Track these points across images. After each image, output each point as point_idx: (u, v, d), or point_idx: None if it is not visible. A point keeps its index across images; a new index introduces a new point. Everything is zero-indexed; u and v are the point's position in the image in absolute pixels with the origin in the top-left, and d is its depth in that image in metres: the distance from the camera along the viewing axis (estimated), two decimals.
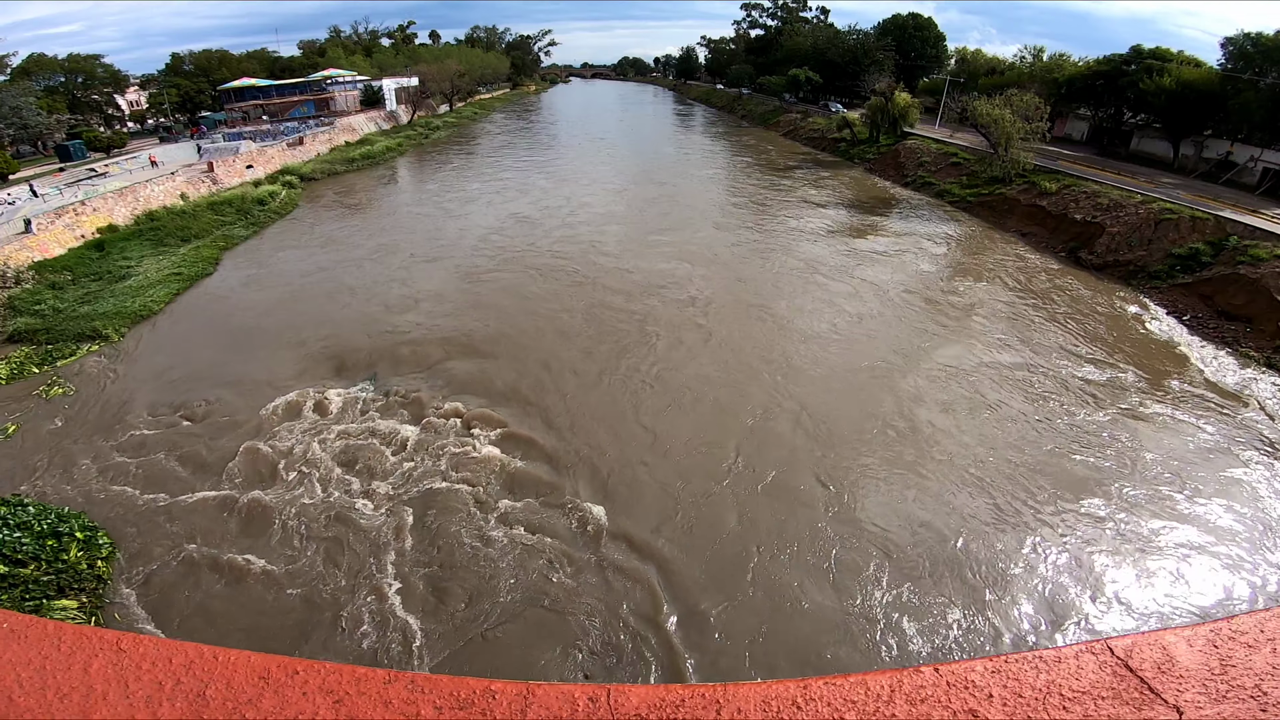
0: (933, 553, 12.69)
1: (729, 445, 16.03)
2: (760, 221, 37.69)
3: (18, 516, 12.60)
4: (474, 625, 11.22)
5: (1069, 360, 20.87)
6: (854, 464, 15.42)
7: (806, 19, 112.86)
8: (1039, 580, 12.16)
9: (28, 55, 67.87)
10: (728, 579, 12.11)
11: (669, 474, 15.00)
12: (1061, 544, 13.00)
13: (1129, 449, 16.21)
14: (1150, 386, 19.52)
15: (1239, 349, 22.22)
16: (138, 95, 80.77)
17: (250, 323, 23.60)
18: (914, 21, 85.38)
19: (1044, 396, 18.66)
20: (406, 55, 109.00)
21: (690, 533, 13.28)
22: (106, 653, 1.46)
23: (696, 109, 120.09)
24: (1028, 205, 37.17)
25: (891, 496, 14.35)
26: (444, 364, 20.03)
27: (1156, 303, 26.31)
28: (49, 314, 23.65)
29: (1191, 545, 13.03)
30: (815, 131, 70.82)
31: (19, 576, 11.36)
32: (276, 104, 75.45)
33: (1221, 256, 26.91)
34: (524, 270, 28.59)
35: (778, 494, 14.37)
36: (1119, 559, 12.69)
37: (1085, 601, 11.74)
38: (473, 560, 12.59)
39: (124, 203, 34.48)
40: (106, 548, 12.73)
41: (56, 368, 20.42)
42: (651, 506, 13.99)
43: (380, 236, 34.27)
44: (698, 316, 23.87)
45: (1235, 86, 40.90)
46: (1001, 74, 63.54)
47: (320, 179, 50.24)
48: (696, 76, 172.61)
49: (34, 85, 61.08)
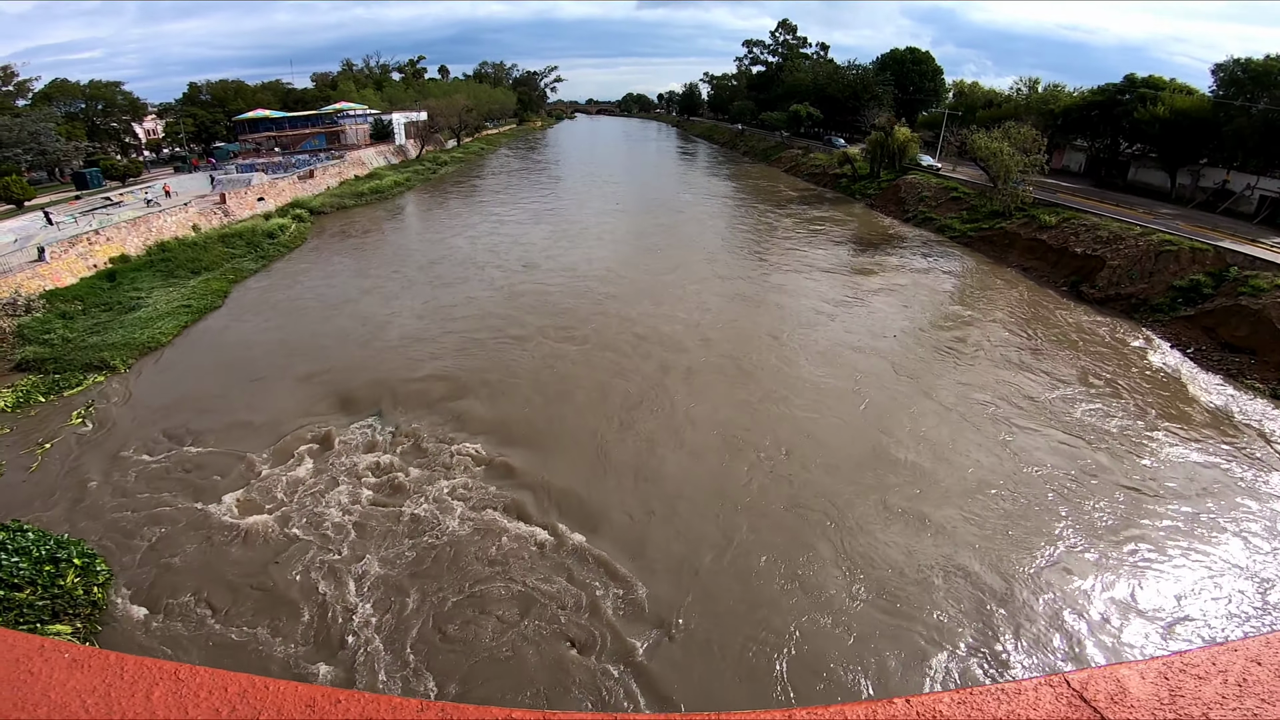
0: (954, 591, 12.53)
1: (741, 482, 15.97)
2: (763, 263, 37.37)
3: (16, 542, 12.71)
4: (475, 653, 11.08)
5: (1074, 396, 20.80)
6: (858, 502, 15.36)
7: (807, 55, 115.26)
8: (1053, 614, 11.99)
9: (50, 80, 68.73)
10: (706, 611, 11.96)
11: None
12: (1078, 580, 12.84)
13: (1136, 483, 16.08)
14: (1155, 421, 19.42)
15: (1244, 381, 22.15)
16: (154, 124, 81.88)
17: (256, 356, 23.71)
18: (912, 56, 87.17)
19: (1050, 434, 18.58)
20: (416, 90, 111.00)
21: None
22: (166, 682, 1.53)
23: (699, 145, 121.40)
24: (1028, 239, 37.31)
25: (899, 534, 14.24)
26: (447, 401, 19.89)
27: (1160, 336, 26.26)
28: (58, 343, 23.86)
29: (1203, 579, 12.84)
30: (817, 167, 71.52)
31: (14, 600, 11.51)
32: (289, 136, 76.88)
33: (1223, 288, 26.95)
34: (527, 314, 27.88)
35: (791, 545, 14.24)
36: (1123, 591, 12.51)
37: (1082, 632, 11.55)
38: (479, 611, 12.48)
39: (137, 233, 35.00)
40: (104, 574, 12.80)
41: (63, 397, 20.58)
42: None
43: (386, 273, 34.47)
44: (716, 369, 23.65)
45: (1228, 113, 41.04)
46: (999, 106, 64.10)
47: (330, 213, 50.82)
48: (699, 112, 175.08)
49: (55, 111, 61.70)
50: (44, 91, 66.60)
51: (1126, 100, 47.26)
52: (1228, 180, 41.62)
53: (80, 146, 59.58)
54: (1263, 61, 41.37)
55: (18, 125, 52.79)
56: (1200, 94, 45.62)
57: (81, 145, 60.24)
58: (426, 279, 33.02)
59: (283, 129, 77.70)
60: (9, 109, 58.52)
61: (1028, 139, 41.22)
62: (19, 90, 64.16)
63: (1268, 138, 38.46)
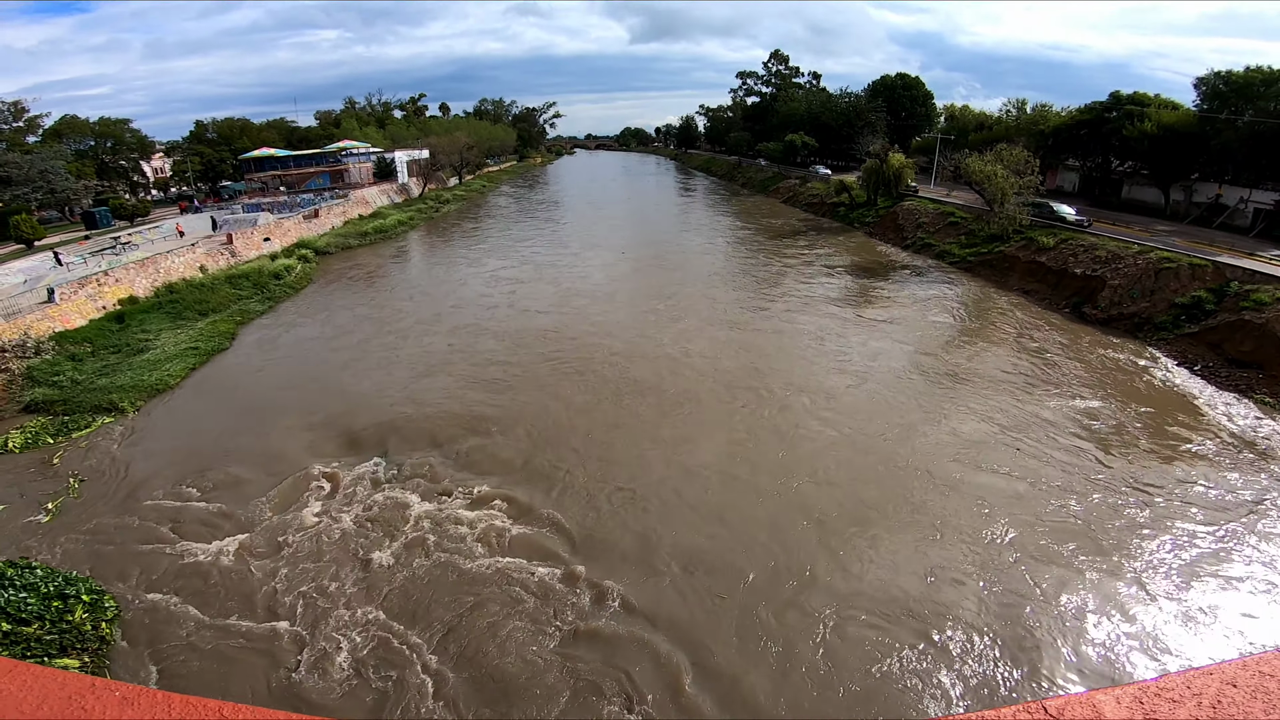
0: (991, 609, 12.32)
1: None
2: (769, 305, 35.13)
3: (25, 578, 12.89)
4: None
5: (1082, 417, 20.71)
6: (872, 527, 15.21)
7: (800, 84, 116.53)
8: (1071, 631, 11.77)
9: (60, 117, 68.45)
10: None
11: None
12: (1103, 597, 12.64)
13: (1151, 502, 15.93)
14: (1166, 438, 19.32)
15: (1253, 395, 22.06)
16: (162, 162, 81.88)
17: (263, 398, 23.74)
18: (902, 81, 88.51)
19: (1060, 456, 18.48)
20: (418, 127, 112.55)
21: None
22: (211, 719, 1.57)
23: (698, 178, 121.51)
24: (1027, 262, 37.40)
25: (910, 554, 14.07)
26: (453, 442, 19.73)
27: (1165, 354, 26.16)
28: (67, 385, 23.98)
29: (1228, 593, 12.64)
30: (814, 196, 71.53)
31: (21, 634, 11.66)
32: (294, 175, 77.55)
33: (1225, 303, 27.00)
34: (533, 358, 26.91)
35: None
36: (1141, 614, 12.30)
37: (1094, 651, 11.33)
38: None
39: (145, 274, 35.36)
40: (112, 610, 12.89)
41: (72, 439, 20.60)
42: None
43: (389, 314, 34.34)
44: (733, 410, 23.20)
45: (1214, 127, 40.96)
46: (990, 129, 64.39)
47: (334, 253, 51.12)
48: (697, 145, 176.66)
49: (65, 148, 61.52)
50: (54, 128, 66.36)
51: (1114, 118, 47.20)
52: (1220, 194, 41.58)
53: (90, 185, 59.19)
54: (1243, 74, 41.48)
55: (28, 163, 52.55)
56: (1185, 108, 45.68)
57: (91, 184, 59.88)
58: (428, 326, 31.79)
59: (288, 168, 78.38)
60: (19, 145, 58.24)
61: (1020, 161, 41.13)
62: (29, 126, 63.89)
63: (1255, 150, 38.34)
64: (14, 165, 51.76)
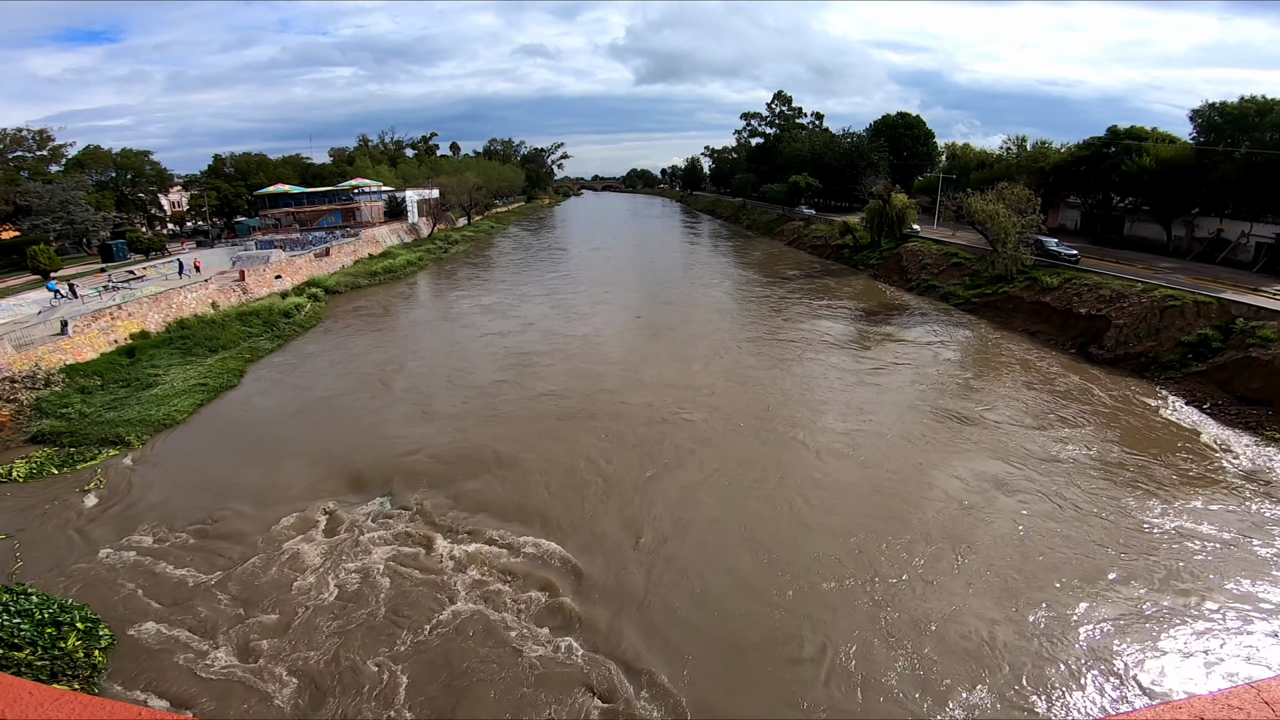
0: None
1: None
2: (772, 343, 35.05)
3: (19, 604, 12.92)
4: None
5: (1093, 460, 20.47)
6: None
7: (803, 125, 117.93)
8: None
9: (84, 147, 68.45)
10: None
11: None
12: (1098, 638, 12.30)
13: (1163, 542, 15.64)
14: (1177, 478, 19.06)
15: (1264, 433, 21.83)
16: (179, 195, 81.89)
17: (269, 436, 23.72)
18: (903, 120, 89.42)
19: (1072, 497, 18.28)
20: (429, 166, 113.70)
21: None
22: None
23: (703, 221, 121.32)
24: (1032, 302, 37.21)
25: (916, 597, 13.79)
26: (456, 482, 19.61)
27: (1174, 393, 25.90)
28: (75, 418, 24.09)
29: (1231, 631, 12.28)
30: (819, 239, 71.70)
31: (12, 659, 11.69)
32: (307, 212, 77.82)
33: (1231, 340, 26.90)
34: (536, 405, 26.15)
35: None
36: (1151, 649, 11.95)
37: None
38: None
39: (158, 309, 35.70)
40: (107, 639, 12.86)
41: (76, 470, 20.63)
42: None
43: (396, 354, 34.33)
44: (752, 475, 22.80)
45: (1212, 160, 40.77)
46: (991, 167, 64.56)
47: (344, 292, 51.34)
48: (702, 186, 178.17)
49: (87, 179, 61.39)
50: (77, 158, 66.40)
51: (1113, 153, 47.12)
52: (1222, 229, 41.38)
53: (108, 217, 59.12)
54: (1237, 105, 41.56)
55: (49, 193, 52.83)
56: (1183, 142, 45.68)
57: (110, 215, 59.74)
58: (435, 373, 30.90)
59: (301, 205, 78.67)
60: (42, 174, 58.46)
61: (1021, 199, 40.83)
62: (53, 155, 63.69)
63: (1253, 182, 38.06)
64: (35, 195, 52.02)
